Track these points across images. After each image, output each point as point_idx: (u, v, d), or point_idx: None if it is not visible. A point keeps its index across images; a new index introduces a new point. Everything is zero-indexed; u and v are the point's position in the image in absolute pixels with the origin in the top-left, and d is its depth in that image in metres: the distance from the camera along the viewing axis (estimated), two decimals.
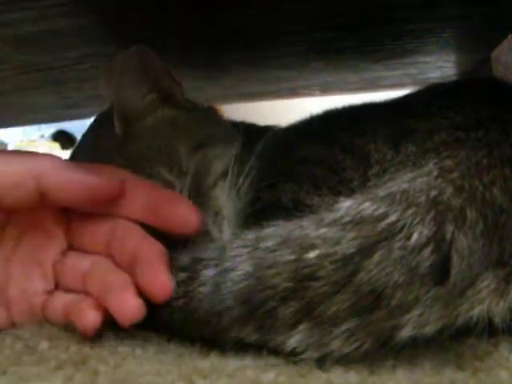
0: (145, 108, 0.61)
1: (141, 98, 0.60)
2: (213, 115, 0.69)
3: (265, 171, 0.57)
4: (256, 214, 0.56)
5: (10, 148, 2.15)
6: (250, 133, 0.67)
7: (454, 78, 1.01)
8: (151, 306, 0.44)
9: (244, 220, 0.58)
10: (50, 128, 2.26)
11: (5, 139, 2.21)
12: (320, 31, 0.72)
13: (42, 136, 2.28)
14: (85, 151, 0.66)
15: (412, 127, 0.52)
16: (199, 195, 0.58)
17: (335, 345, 0.37)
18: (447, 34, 0.75)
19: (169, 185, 0.56)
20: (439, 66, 0.95)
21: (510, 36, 0.80)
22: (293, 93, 1.13)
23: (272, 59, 0.85)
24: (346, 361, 0.37)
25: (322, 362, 0.38)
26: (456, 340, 0.40)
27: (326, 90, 1.10)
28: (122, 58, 0.57)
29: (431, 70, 0.97)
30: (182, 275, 0.45)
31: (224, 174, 0.60)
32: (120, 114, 0.59)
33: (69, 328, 0.50)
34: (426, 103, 0.60)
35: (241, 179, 0.60)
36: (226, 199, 0.59)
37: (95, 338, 0.45)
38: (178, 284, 0.44)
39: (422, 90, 0.68)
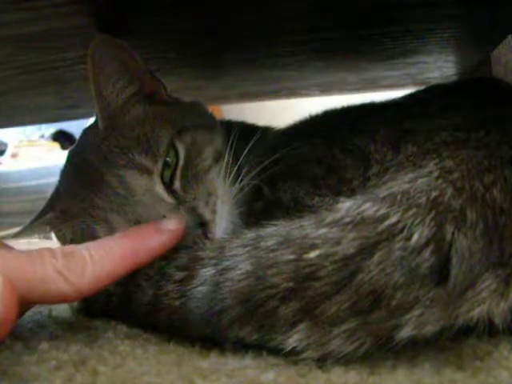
0: (125, 102, 0.60)
1: (119, 93, 0.59)
2: (197, 108, 0.69)
3: (265, 170, 0.57)
4: (256, 213, 0.56)
5: (9, 148, 2.15)
6: (241, 128, 0.67)
7: (454, 78, 1.01)
8: (151, 306, 0.44)
9: (244, 218, 0.58)
10: (50, 128, 2.26)
11: (5, 139, 2.21)
12: (320, 31, 0.72)
13: (42, 136, 2.28)
14: (72, 148, 0.67)
15: (412, 127, 0.52)
16: (191, 176, 0.58)
17: (335, 344, 0.37)
18: (447, 33, 0.75)
19: (145, 170, 0.56)
20: (439, 66, 0.95)
21: (509, 36, 0.80)
22: (292, 93, 1.13)
23: (272, 59, 0.85)
24: (345, 361, 0.37)
25: (322, 362, 0.38)
26: (456, 340, 0.40)
27: (325, 90, 1.10)
28: (94, 51, 0.55)
29: (431, 70, 0.97)
30: (181, 274, 0.45)
31: (215, 160, 0.60)
32: (101, 108, 0.59)
33: (69, 328, 0.50)
34: (426, 103, 0.60)
35: (234, 171, 0.60)
36: (220, 183, 0.59)
37: (95, 338, 0.45)
38: (177, 283, 0.44)
39: (421, 91, 0.68)
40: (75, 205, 0.58)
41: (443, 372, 0.36)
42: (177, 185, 0.57)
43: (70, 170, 0.63)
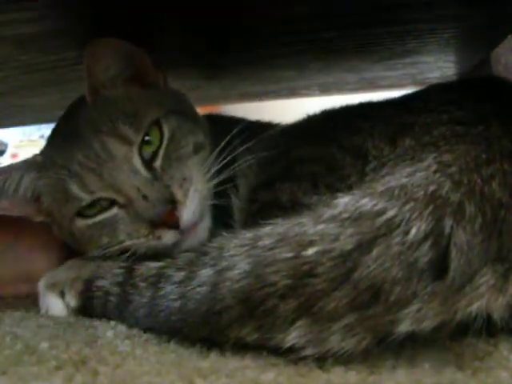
0: (113, 78, 0.62)
1: (107, 68, 0.61)
2: (183, 97, 0.71)
3: (262, 171, 0.57)
4: (254, 214, 0.56)
5: (9, 148, 2.15)
6: (222, 123, 0.69)
7: (454, 78, 1.01)
8: (150, 307, 0.44)
9: (243, 219, 0.58)
10: (50, 128, 2.26)
11: (5, 139, 2.21)
12: (320, 31, 0.72)
13: (42, 136, 2.27)
14: (59, 123, 0.70)
15: (410, 122, 0.52)
16: (173, 159, 0.59)
17: (334, 340, 0.37)
18: (447, 34, 0.75)
19: (126, 140, 0.58)
20: (439, 66, 0.95)
21: (509, 36, 0.80)
22: (292, 93, 1.13)
23: (272, 59, 0.85)
24: (346, 361, 0.37)
25: (321, 362, 0.38)
26: (456, 340, 0.40)
27: (325, 90, 1.10)
28: (94, 43, 0.58)
29: (431, 70, 0.97)
30: (179, 275, 0.45)
31: (195, 151, 0.62)
32: (90, 83, 0.61)
33: (69, 328, 0.50)
34: (426, 99, 0.59)
35: (216, 164, 0.61)
36: (198, 172, 0.61)
37: (95, 338, 0.45)
38: (176, 284, 0.44)
39: (423, 89, 0.68)
40: (59, 155, 0.61)
41: (443, 372, 0.36)
42: (157, 163, 0.59)
43: (61, 128, 0.67)
